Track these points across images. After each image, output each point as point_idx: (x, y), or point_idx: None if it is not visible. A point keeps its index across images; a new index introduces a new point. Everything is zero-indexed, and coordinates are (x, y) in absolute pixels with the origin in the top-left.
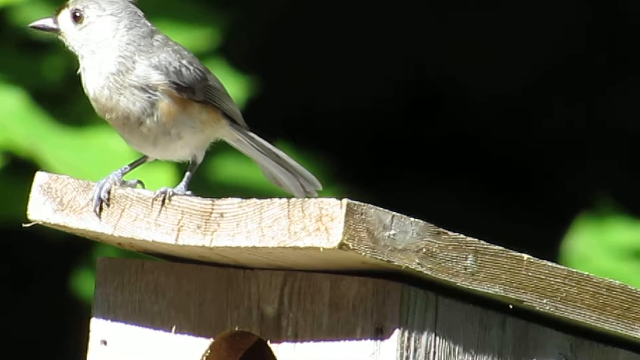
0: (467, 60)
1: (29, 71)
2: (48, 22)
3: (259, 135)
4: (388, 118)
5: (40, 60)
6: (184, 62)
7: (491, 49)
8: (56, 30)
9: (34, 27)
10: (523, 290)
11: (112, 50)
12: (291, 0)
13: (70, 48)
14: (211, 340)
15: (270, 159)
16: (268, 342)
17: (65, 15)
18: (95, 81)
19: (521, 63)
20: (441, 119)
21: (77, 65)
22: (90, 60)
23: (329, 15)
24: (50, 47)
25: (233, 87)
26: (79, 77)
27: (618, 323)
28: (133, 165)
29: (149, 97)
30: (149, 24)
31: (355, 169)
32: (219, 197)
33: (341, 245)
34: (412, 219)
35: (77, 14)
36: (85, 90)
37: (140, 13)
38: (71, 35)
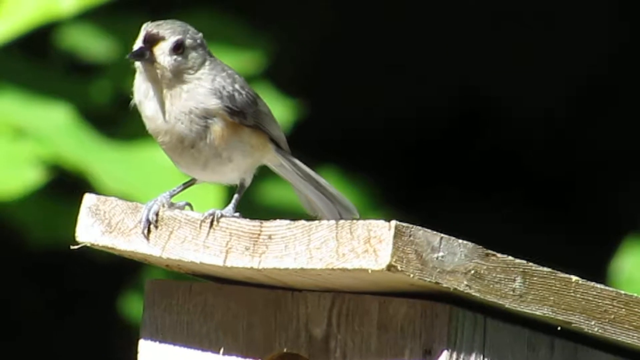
0: (510, 77)
1: (76, 93)
2: (144, 52)
3: (300, 161)
4: (432, 139)
5: (87, 82)
6: (237, 86)
7: (535, 65)
8: (149, 61)
9: (131, 56)
10: (571, 312)
11: (197, 77)
12: (335, 22)
13: (156, 76)
14: None
15: (310, 185)
16: None
17: (164, 48)
18: (161, 106)
19: (565, 80)
20: (485, 137)
21: (127, 87)
22: (176, 87)
23: (372, 38)
24: (97, 70)
25: (279, 110)
26: (129, 99)
27: None
28: (181, 188)
29: (205, 121)
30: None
31: (401, 191)
32: (266, 219)
33: (389, 267)
34: (460, 240)
35: (179, 44)
36: (143, 113)
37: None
38: (168, 66)
